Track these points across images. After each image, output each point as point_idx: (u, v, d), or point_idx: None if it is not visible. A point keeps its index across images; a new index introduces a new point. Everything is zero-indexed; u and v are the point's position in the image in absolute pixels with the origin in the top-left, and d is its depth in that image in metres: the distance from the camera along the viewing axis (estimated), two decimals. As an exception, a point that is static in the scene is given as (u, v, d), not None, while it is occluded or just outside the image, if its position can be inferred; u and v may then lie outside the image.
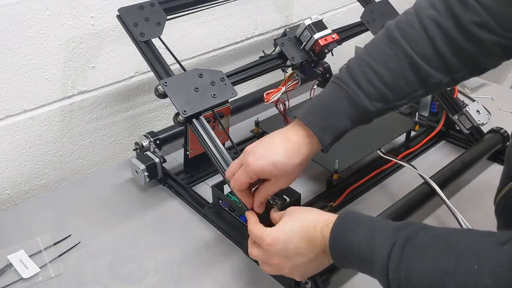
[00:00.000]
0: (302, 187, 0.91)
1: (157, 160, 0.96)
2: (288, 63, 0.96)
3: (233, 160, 0.77)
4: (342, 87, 0.67)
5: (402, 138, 1.08)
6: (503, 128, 1.03)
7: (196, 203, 0.93)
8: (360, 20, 1.09)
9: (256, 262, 0.79)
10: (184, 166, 1.03)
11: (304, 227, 0.64)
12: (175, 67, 0.87)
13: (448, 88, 1.06)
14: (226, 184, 0.78)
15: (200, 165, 1.01)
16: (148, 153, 0.98)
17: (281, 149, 0.67)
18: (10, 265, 0.81)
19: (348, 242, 0.59)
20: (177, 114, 0.80)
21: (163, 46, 0.87)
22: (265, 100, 0.92)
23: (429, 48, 0.64)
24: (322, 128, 0.67)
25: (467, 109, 1.02)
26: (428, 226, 0.56)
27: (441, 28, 0.63)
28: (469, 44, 0.63)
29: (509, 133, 1.02)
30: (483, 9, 0.61)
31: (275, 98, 0.92)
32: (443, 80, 0.66)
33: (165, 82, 0.81)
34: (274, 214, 0.71)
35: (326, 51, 0.96)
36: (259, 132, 1.09)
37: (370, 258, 0.56)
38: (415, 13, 0.66)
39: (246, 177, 0.68)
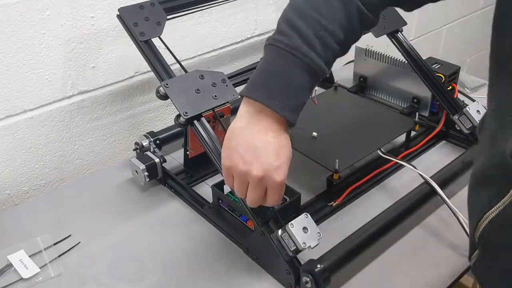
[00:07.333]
0: (302, 187, 0.91)
1: (157, 160, 0.96)
2: (288, 63, 0.96)
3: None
4: (301, 58, 0.62)
5: (402, 138, 1.08)
6: (503, 128, 1.03)
7: (196, 203, 0.93)
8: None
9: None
10: (184, 166, 1.03)
11: None
12: (175, 67, 0.87)
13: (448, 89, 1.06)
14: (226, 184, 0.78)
15: (200, 165, 1.01)
16: (148, 153, 0.98)
17: (283, 149, 0.64)
18: (10, 265, 0.81)
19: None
20: (179, 116, 0.79)
21: (163, 46, 0.87)
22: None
23: None
24: (291, 110, 0.63)
25: (467, 109, 1.02)
26: None
27: None
28: None
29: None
30: None
31: (275, 98, 0.92)
32: (376, 23, 0.68)
33: (167, 84, 0.81)
34: None
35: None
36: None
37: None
38: None
39: (280, 194, 0.67)
